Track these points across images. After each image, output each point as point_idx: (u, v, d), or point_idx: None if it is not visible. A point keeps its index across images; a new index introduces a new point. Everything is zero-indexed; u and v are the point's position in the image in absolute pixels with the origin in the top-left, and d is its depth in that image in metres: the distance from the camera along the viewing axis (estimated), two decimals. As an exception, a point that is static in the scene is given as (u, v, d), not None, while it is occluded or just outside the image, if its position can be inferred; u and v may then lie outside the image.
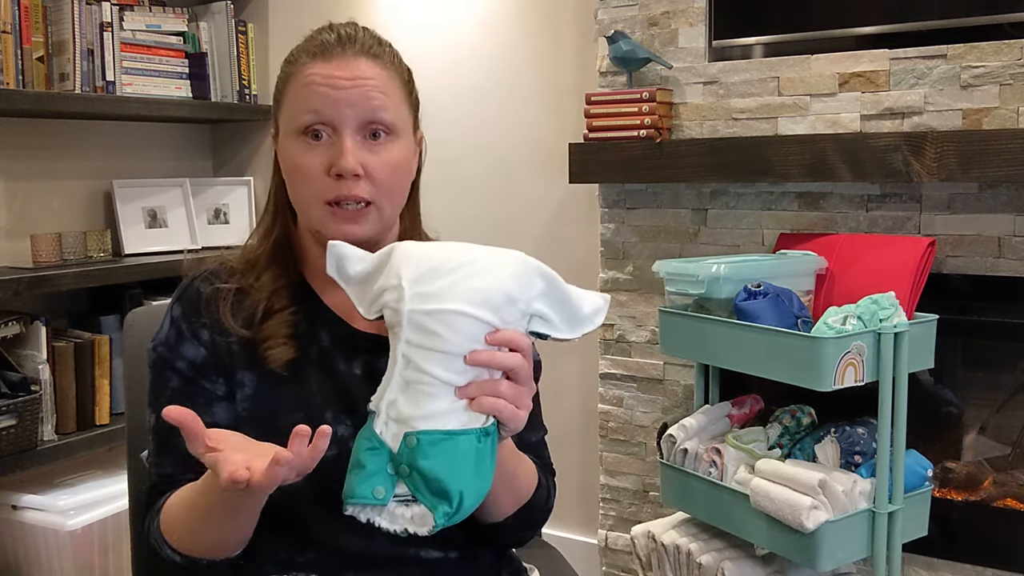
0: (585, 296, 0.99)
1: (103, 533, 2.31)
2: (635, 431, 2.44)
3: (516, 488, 1.11)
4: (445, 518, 0.89)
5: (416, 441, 0.89)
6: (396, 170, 1.09)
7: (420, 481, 0.89)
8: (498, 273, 0.93)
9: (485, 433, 0.92)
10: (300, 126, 1.07)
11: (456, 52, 2.73)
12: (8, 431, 2.20)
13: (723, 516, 1.90)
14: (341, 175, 1.04)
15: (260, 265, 1.13)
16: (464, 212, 2.73)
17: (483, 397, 0.92)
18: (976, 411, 2.17)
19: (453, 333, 0.90)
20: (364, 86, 1.06)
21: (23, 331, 2.37)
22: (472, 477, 0.90)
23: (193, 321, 1.11)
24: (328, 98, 1.05)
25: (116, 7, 2.61)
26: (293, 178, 1.09)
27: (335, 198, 1.06)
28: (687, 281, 1.90)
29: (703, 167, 2.15)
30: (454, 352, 0.90)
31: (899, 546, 1.81)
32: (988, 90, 1.92)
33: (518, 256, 0.96)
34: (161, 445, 1.12)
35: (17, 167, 2.57)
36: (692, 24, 2.25)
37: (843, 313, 1.76)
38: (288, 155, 1.09)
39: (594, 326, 0.99)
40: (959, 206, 2.00)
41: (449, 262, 0.93)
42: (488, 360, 0.92)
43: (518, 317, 0.94)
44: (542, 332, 0.97)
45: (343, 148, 1.05)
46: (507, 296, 0.92)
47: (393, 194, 1.10)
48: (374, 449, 0.90)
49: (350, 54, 1.07)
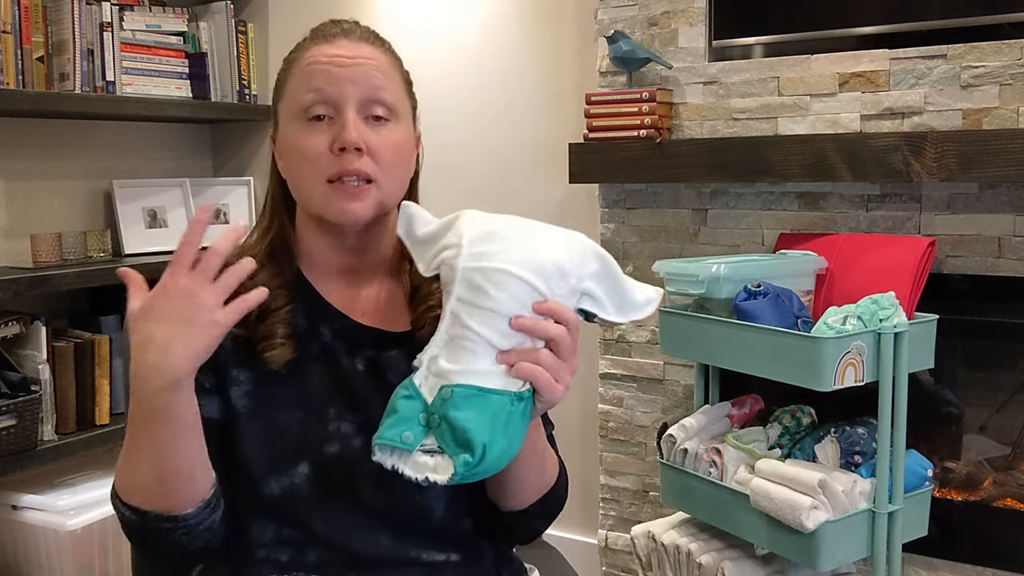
0: (638, 286, 1.01)
1: (103, 533, 2.31)
2: (635, 431, 2.44)
3: (543, 471, 1.11)
4: (465, 467, 0.90)
5: (451, 393, 0.90)
6: (398, 150, 1.09)
7: (447, 431, 0.90)
8: (555, 245, 0.95)
9: (519, 398, 0.93)
10: (302, 107, 1.07)
11: (456, 52, 2.73)
12: (8, 431, 2.20)
13: (723, 516, 1.90)
14: (344, 148, 1.04)
15: (257, 263, 1.13)
16: (464, 212, 2.72)
17: (522, 363, 0.92)
18: (976, 411, 2.17)
19: (501, 292, 0.91)
20: (366, 65, 1.07)
21: (23, 331, 2.37)
22: (499, 435, 0.91)
23: None
24: (330, 75, 1.06)
25: (116, 7, 2.61)
26: (294, 161, 1.09)
27: (337, 173, 1.05)
28: (687, 281, 1.90)
29: (703, 167, 2.15)
30: (500, 312, 0.92)
31: (899, 546, 1.81)
32: (988, 90, 1.92)
33: (578, 236, 0.98)
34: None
35: (17, 167, 2.57)
36: (692, 24, 2.25)
37: (843, 313, 1.76)
38: (290, 140, 1.09)
39: (644, 314, 1.00)
40: (959, 206, 2.00)
41: (510, 229, 0.96)
42: (532, 327, 0.92)
43: (568, 292, 0.95)
44: (591, 311, 0.98)
45: (346, 122, 1.05)
46: (558, 267, 0.94)
47: (394, 175, 1.09)
48: (409, 398, 0.92)
49: (352, 39, 1.09)
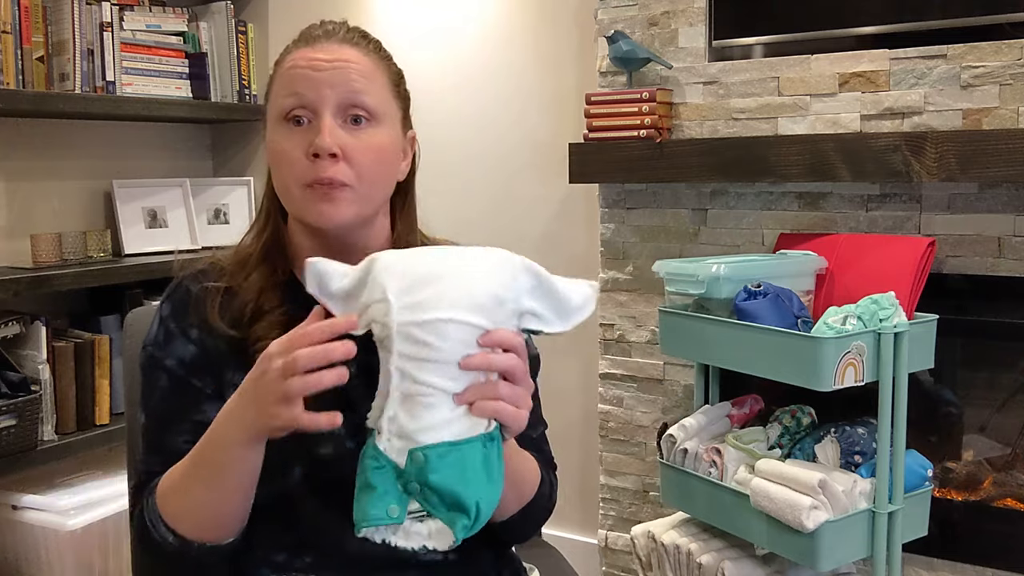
0: (572, 286, 0.97)
1: (103, 533, 2.31)
2: (635, 431, 2.44)
3: (521, 488, 1.11)
4: (465, 531, 0.88)
5: (423, 457, 0.87)
6: (378, 155, 1.08)
7: (434, 496, 0.88)
8: (483, 275, 0.92)
9: (490, 438, 0.91)
10: (282, 111, 1.07)
11: (456, 52, 2.73)
12: (8, 431, 2.20)
13: (723, 516, 1.90)
14: (318, 155, 1.04)
15: (250, 264, 1.13)
16: (464, 213, 2.73)
17: (482, 401, 0.91)
18: (976, 411, 2.17)
19: (445, 341, 0.88)
20: (345, 68, 1.06)
21: (23, 331, 2.37)
22: (485, 484, 0.89)
23: (182, 320, 1.10)
24: (309, 79, 1.05)
25: (116, 7, 2.61)
26: (275, 164, 1.09)
27: (313, 180, 1.04)
28: (687, 281, 1.90)
29: (703, 167, 2.15)
30: (449, 360, 0.89)
31: (899, 546, 1.81)
32: (988, 90, 1.92)
33: (501, 255, 0.95)
34: (151, 444, 1.11)
35: (17, 167, 2.57)
36: (692, 24, 2.25)
37: (843, 313, 1.76)
38: (271, 143, 1.09)
39: (585, 316, 0.98)
40: (959, 206, 2.00)
41: (433, 269, 0.91)
42: (482, 363, 0.90)
43: (508, 316, 0.93)
44: (535, 328, 0.96)
45: (321, 127, 1.04)
46: (495, 297, 0.91)
47: (374, 181, 1.08)
48: (380, 468, 0.88)
49: (334, 41, 1.08)
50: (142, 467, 1.12)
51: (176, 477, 1.04)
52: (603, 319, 2.46)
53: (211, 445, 1.00)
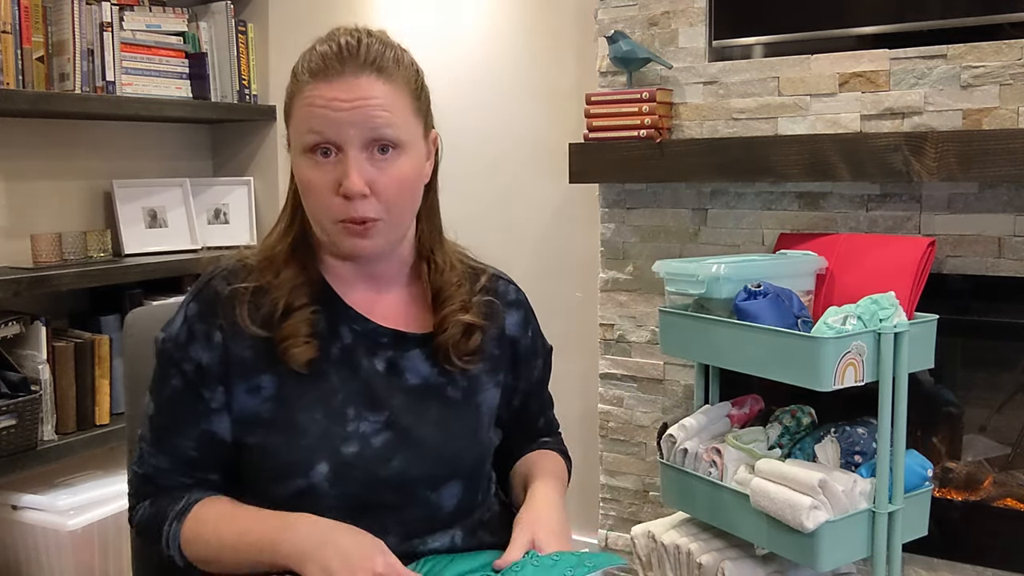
0: None
1: (103, 533, 2.31)
2: (635, 431, 2.44)
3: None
4: None
5: None
6: (404, 185, 1.09)
7: None
8: None
9: None
10: (306, 145, 1.07)
11: (456, 52, 2.73)
12: (8, 431, 2.20)
13: (723, 516, 1.90)
14: (348, 196, 1.05)
15: (279, 262, 1.13)
16: (465, 212, 2.70)
17: None
18: (976, 411, 2.17)
19: None
20: (366, 106, 1.05)
21: (23, 331, 2.37)
22: None
23: (208, 322, 1.10)
24: (329, 120, 1.04)
25: (116, 7, 2.61)
26: (305, 194, 1.10)
27: (346, 219, 1.06)
28: (687, 281, 1.90)
29: (703, 167, 2.15)
30: None
31: (899, 546, 1.81)
32: (988, 90, 1.92)
33: None
34: (159, 439, 1.12)
35: (17, 167, 2.57)
36: (692, 24, 2.25)
37: (843, 313, 1.76)
38: (299, 171, 1.10)
39: None
40: (959, 206, 2.00)
41: None
42: None
43: None
44: None
45: (347, 169, 1.04)
46: None
47: (403, 209, 1.11)
48: None
49: (350, 72, 1.05)
50: (151, 460, 1.13)
51: (211, 532, 1.08)
52: (603, 319, 2.46)
53: (268, 544, 1.04)
